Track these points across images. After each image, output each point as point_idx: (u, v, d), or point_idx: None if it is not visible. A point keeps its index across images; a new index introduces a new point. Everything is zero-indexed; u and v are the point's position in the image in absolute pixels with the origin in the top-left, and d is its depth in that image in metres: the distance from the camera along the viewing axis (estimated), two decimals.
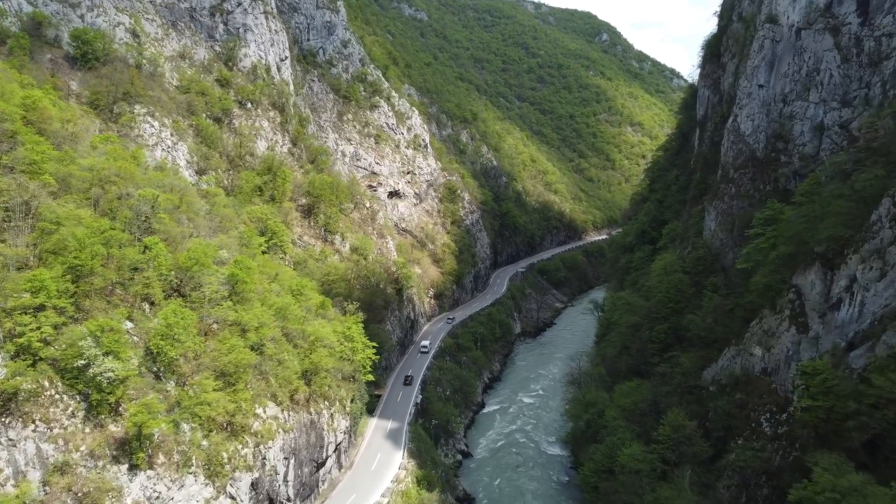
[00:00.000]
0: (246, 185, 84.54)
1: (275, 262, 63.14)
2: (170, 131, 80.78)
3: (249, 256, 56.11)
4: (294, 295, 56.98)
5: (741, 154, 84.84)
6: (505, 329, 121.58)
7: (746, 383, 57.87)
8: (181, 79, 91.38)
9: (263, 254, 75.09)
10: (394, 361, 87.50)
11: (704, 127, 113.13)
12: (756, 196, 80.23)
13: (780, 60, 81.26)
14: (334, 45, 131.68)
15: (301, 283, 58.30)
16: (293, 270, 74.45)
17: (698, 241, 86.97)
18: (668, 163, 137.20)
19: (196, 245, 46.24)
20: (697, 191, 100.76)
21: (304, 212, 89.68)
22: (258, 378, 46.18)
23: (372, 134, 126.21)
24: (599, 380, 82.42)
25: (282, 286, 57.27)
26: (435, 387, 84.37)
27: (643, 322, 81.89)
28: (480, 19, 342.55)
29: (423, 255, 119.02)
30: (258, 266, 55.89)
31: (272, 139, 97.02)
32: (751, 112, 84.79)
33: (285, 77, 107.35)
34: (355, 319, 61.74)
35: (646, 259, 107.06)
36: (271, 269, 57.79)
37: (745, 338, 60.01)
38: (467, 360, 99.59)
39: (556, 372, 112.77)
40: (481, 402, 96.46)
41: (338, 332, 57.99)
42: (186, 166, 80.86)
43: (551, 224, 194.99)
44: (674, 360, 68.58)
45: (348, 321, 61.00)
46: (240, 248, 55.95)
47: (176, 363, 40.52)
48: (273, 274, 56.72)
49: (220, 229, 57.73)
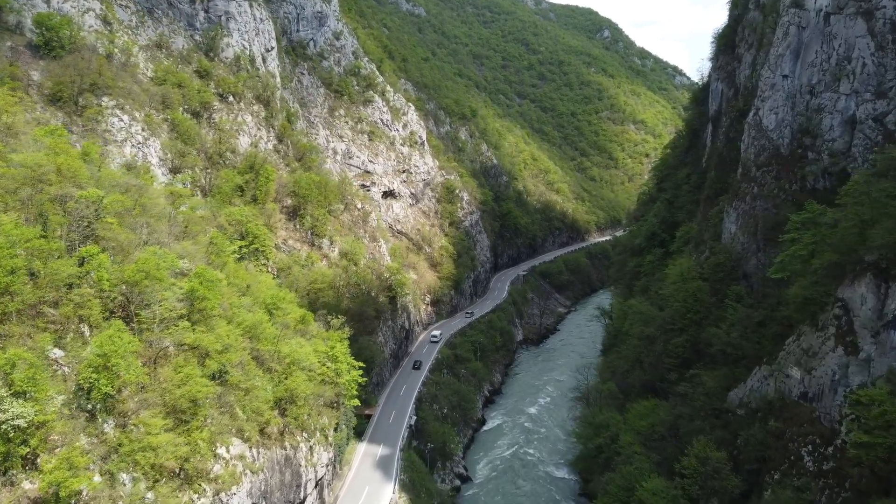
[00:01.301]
0: (225, 185, 77.71)
1: (250, 272, 56.19)
2: (141, 126, 74.00)
3: (218, 266, 49.23)
4: (269, 310, 50.08)
5: (764, 150, 78.07)
6: (506, 337, 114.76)
7: (783, 409, 51.00)
8: (156, 70, 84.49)
9: (241, 260, 68.39)
10: (386, 376, 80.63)
11: (718, 122, 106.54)
12: (781, 196, 73.50)
13: (807, 48, 74.45)
14: (325, 36, 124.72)
15: (277, 296, 51.38)
16: (273, 280, 67.60)
17: (717, 245, 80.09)
18: (677, 161, 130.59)
19: (148, 255, 39.30)
20: (712, 190, 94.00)
21: (290, 213, 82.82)
22: (220, 412, 39.26)
23: (365, 130, 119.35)
24: (610, 397, 75.57)
25: (255, 299, 50.36)
26: (431, 404, 77.54)
27: (657, 334, 75.06)
28: (480, 15, 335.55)
29: (420, 258, 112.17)
30: (228, 277, 49.00)
31: (256, 135, 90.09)
32: (774, 105, 78.01)
33: (271, 69, 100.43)
34: (340, 336, 54.80)
35: (657, 263, 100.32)
36: (243, 279, 50.83)
37: (779, 357, 53.15)
38: (466, 372, 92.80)
39: (563, 380, 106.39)
40: (481, 417, 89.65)
41: (319, 351, 51.11)
42: (159, 164, 74.07)
43: (553, 225, 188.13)
44: (696, 379, 61.69)
45: (332, 338, 54.10)
46: (207, 256, 49.02)
47: (115, 399, 33.61)
48: (244, 286, 49.76)
49: (185, 235, 50.83)
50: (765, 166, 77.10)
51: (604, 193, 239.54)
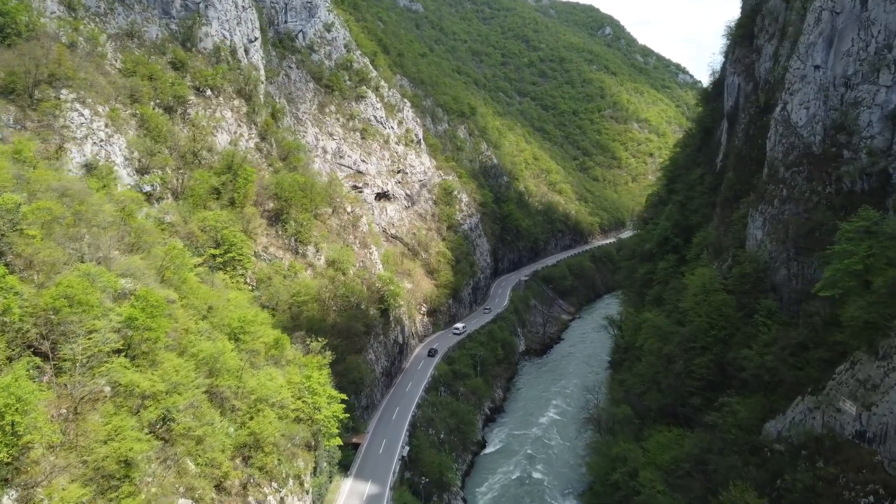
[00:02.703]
0: (199, 187, 70.37)
1: (217, 288, 48.74)
2: (104, 121, 66.66)
3: (175, 284, 41.86)
4: (236, 335, 42.72)
5: (793, 149, 70.81)
6: (508, 349, 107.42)
7: (834, 450, 43.81)
8: (125, 60, 77.14)
9: (215, 271, 61.09)
10: (377, 398, 73.26)
11: (735, 119, 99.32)
12: (814, 199, 66.22)
13: (842, 36, 67.15)
14: (316, 28, 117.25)
15: (246, 318, 43.97)
16: (251, 292, 60.27)
17: (740, 252, 72.83)
18: (688, 160, 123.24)
19: (75, 276, 31.94)
20: (731, 192, 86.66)
21: (272, 218, 75.44)
22: (164, 468, 31.91)
23: (357, 128, 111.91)
24: (625, 421, 68.27)
25: (219, 323, 42.98)
26: (426, 429, 70.19)
27: (677, 352, 67.82)
28: (479, 11, 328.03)
29: (415, 265, 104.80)
30: (186, 297, 41.66)
31: (236, 132, 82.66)
32: (805, 99, 70.73)
33: (254, 61, 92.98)
34: (319, 362, 47.43)
35: (671, 271, 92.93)
36: (206, 299, 43.44)
37: (827, 387, 45.88)
38: (465, 390, 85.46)
39: (569, 391, 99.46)
40: (482, 439, 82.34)
41: (294, 383, 43.77)
42: (124, 164, 66.70)
43: (556, 227, 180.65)
44: (726, 408, 54.41)
45: (310, 366, 46.70)
46: (161, 272, 41.65)
47: (17, 464, 26.28)
48: (205, 307, 42.37)
49: (136, 247, 43.44)
50: (794, 166, 69.87)
51: (607, 194, 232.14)
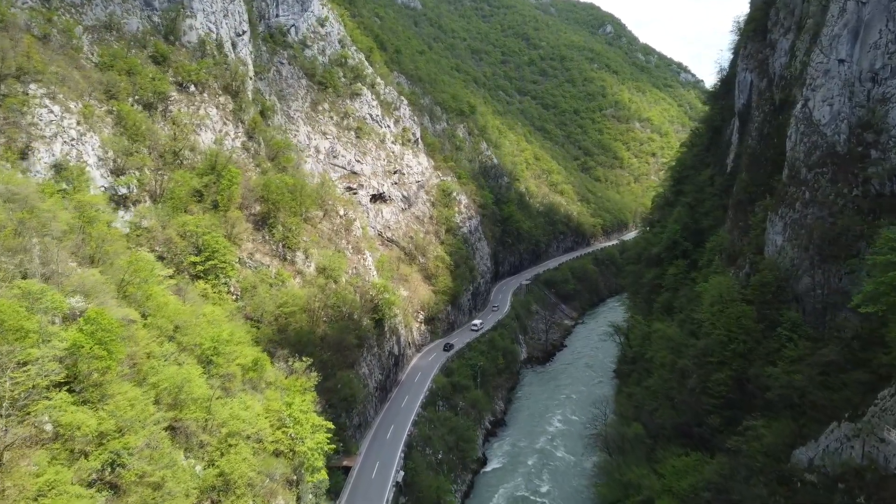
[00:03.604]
0: (180, 189, 65.53)
1: (191, 302, 43.94)
2: (76, 118, 61.84)
3: (137, 301, 37.11)
4: (208, 357, 37.95)
5: (816, 148, 66.15)
6: (510, 357, 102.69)
7: (878, 484, 39.16)
8: (102, 54, 72.33)
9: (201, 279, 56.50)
10: (370, 414, 68.47)
11: (748, 117, 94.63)
12: (839, 203, 61.46)
13: (868, 28, 62.39)
14: (309, 22, 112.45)
15: (220, 337, 39.13)
16: (229, 306, 55.52)
17: (759, 259, 68.17)
18: (696, 161, 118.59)
19: (7, 297, 27.19)
20: (746, 194, 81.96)
21: (258, 222, 70.67)
22: None
23: (352, 127, 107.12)
24: (636, 441, 63.65)
25: (189, 343, 38.20)
26: (423, 449, 65.47)
27: (692, 366, 63.21)
28: (478, 9, 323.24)
29: (412, 270, 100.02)
30: (152, 315, 36.90)
31: (221, 131, 77.84)
32: (828, 95, 66.00)
33: (242, 55, 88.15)
34: (303, 385, 42.65)
35: (681, 277, 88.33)
36: (174, 316, 38.63)
37: (868, 413, 41.34)
38: (465, 404, 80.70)
39: (574, 401, 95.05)
40: (482, 457, 77.61)
41: (273, 410, 39.00)
42: (98, 164, 61.86)
43: (557, 229, 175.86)
44: (750, 432, 49.76)
45: (293, 389, 41.93)
46: (121, 288, 36.88)
47: None
48: (172, 327, 37.59)
49: (97, 259, 38.68)
50: (817, 167, 65.15)
51: (609, 195, 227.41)
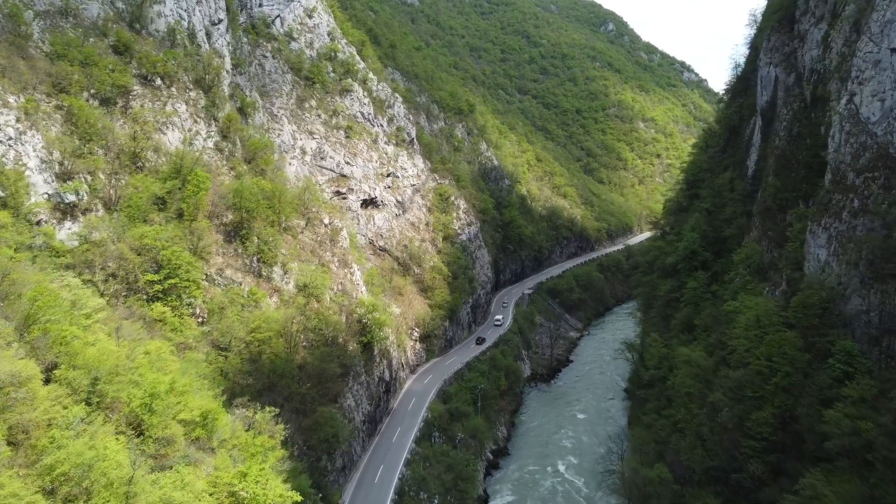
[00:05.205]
0: (138, 196, 57.08)
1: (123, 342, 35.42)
2: (15, 115, 53.45)
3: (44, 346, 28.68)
4: (137, 418, 29.52)
5: (865, 150, 57.89)
6: (513, 377, 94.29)
7: None
8: (54, 43, 63.84)
9: (160, 301, 48.38)
10: (357, 452, 59.98)
11: (773, 116, 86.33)
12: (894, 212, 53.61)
13: None
14: (295, 13, 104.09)
15: (156, 389, 30.74)
16: (192, 330, 47.15)
17: (799, 276, 59.95)
18: (712, 163, 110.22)
19: None
20: (775, 201, 73.67)
21: (230, 233, 62.23)
22: None
23: (342, 126, 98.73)
24: (662, 487, 55.32)
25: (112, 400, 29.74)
26: (416, 494, 57.07)
27: (726, 401, 55.04)
28: (477, 6, 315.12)
29: (407, 282, 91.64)
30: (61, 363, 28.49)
31: (191, 129, 69.34)
32: (878, 88, 57.71)
33: (218, 46, 79.66)
34: (264, 444, 34.22)
35: (701, 291, 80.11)
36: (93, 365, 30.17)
37: None
38: (464, 434, 72.28)
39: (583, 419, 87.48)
40: (483, 494, 69.27)
41: (223, 483, 30.57)
42: (41, 168, 53.37)
43: (560, 234, 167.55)
44: (808, 491, 41.59)
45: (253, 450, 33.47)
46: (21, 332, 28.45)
47: None
48: (88, 380, 29.16)
49: None
50: (867, 171, 56.85)
51: (613, 198, 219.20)
